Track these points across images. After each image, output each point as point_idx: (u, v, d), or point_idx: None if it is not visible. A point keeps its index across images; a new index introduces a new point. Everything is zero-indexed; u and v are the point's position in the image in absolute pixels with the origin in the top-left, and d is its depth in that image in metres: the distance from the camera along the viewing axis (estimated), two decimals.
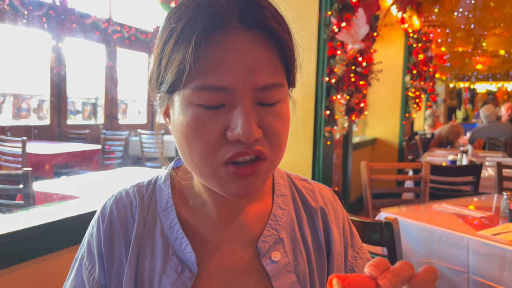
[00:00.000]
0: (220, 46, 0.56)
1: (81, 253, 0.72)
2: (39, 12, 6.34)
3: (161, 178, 0.75)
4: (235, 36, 0.56)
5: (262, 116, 0.58)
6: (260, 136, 0.58)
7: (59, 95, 7.18)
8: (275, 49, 0.58)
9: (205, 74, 0.56)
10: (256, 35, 0.57)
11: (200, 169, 0.60)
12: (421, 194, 3.01)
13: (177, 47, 0.57)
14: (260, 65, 0.57)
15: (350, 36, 2.90)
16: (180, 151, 0.62)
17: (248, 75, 0.56)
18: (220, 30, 0.56)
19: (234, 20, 0.56)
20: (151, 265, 0.67)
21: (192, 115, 0.58)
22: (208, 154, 0.58)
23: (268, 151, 0.60)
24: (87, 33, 7.34)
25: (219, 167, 0.58)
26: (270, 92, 0.58)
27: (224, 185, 0.60)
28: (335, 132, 3.14)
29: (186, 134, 0.59)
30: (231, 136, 0.56)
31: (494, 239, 1.84)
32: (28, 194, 2.13)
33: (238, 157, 0.57)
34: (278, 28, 0.58)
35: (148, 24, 8.48)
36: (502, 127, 5.87)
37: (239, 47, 0.56)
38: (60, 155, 5.07)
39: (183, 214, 0.70)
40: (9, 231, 1.38)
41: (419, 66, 6.48)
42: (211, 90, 0.56)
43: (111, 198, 0.73)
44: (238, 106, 0.56)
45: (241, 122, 0.55)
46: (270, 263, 0.68)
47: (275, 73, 0.59)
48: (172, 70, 0.57)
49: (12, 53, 6.39)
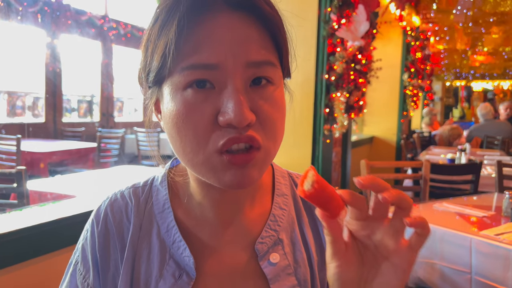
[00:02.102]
0: (205, 26, 0.53)
1: (75, 258, 0.69)
2: (34, 8, 6.27)
3: (158, 178, 0.72)
4: (221, 17, 0.54)
5: (254, 99, 0.55)
6: (254, 120, 0.54)
7: (54, 92, 7.12)
8: (264, 29, 0.56)
9: (191, 54, 0.53)
10: (243, 15, 0.54)
11: (193, 160, 0.56)
12: (421, 192, 2.99)
13: (161, 32, 0.54)
14: (250, 41, 0.54)
15: (350, 32, 2.87)
16: (172, 144, 0.59)
17: (238, 50, 0.53)
18: (204, 11, 0.53)
19: (219, 1, 0.54)
20: (148, 269, 0.64)
21: (181, 101, 0.54)
22: (201, 142, 0.54)
23: (263, 138, 0.56)
24: (83, 30, 7.28)
25: (212, 155, 0.55)
26: (262, 70, 0.55)
27: (218, 174, 0.56)
28: (335, 130, 3.12)
29: (177, 123, 0.55)
30: (222, 120, 0.53)
31: (497, 239, 1.82)
32: (22, 193, 2.09)
33: (232, 144, 0.53)
34: (266, 8, 0.55)
35: (144, 21, 8.42)
36: (499, 126, 5.88)
37: (227, 26, 0.53)
38: (55, 153, 5.02)
39: (180, 216, 0.67)
40: (1, 232, 1.34)
41: (417, 64, 6.47)
42: (199, 68, 0.53)
43: (106, 201, 0.70)
44: (228, 86, 0.53)
45: (232, 105, 0.52)
46: (268, 265, 0.65)
47: (267, 50, 0.55)
48: (157, 56, 0.55)
49: (6, 50, 6.33)
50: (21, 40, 6.50)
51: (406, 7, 5.71)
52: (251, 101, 0.54)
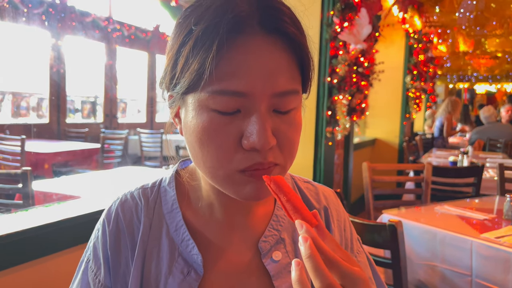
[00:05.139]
0: (240, 51, 0.55)
1: (87, 256, 0.72)
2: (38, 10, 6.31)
3: (166, 180, 0.75)
4: (255, 41, 0.55)
5: (276, 123, 0.58)
6: (275, 143, 0.58)
7: (59, 93, 7.14)
8: (293, 55, 0.58)
9: (223, 79, 0.55)
10: (275, 40, 0.56)
11: (213, 173, 0.60)
12: (423, 195, 3.00)
13: (196, 50, 0.55)
14: (280, 71, 0.56)
15: (352, 36, 2.89)
16: (192, 153, 0.62)
17: (267, 81, 0.55)
18: (241, 35, 0.55)
19: (255, 25, 0.56)
20: (157, 266, 0.67)
21: (207, 120, 0.57)
22: (223, 160, 0.58)
23: (281, 157, 0.60)
24: (87, 32, 7.31)
25: (234, 173, 0.58)
26: (287, 99, 0.58)
27: (238, 189, 0.60)
28: (337, 132, 3.13)
29: (200, 138, 0.58)
30: (246, 144, 0.56)
31: (498, 241, 1.83)
32: (27, 194, 2.11)
33: (256, 168, 0.58)
34: (297, 33, 0.58)
35: (148, 23, 8.45)
36: (502, 128, 5.87)
37: (259, 52, 0.55)
38: (59, 154, 5.04)
39: (189, 216, 0.70)
40: (8, 232, 1.36)
41: (420, 66, 6.46)
42: (228, 95, 0.55)
43: (116, 201, 0.73)
44: (254, 113, 0.56)
45: (256, 130, 0.55)
46: (271, 263, 0.69)
47: (293, 79, 0.58)
48: (189, 73, 0.56)
49: (11, 51, 6.36)
50: (26, 41, 6.54)
51: (409, 10, 5.71)
52: (273, 125, 0.57)
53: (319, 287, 0.46)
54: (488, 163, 4.29)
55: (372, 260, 0.81)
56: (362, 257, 0.79)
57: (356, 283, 0.48)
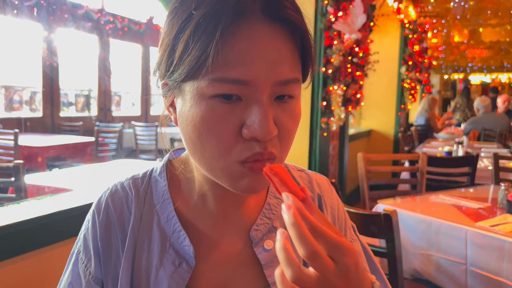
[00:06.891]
0: (242, 38, 0.53)
1: (77, 247, 0.71)
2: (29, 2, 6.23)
3: (157, 170, 0.73)
4: (258, 28, 0.53)
5: (277, 112, 0.57)
6: (276, 133, 0.56)
7: (52, 86, 7.08)
8: (295, 42, 0.57)
9: (225, 66, 0.52)
10: (278, 28, 0.55)
11: (211, 164, 0.58)
12: (418, 185, 3.00)
13: (197, 36, 0.53)
14: (283, 60, 0.55)
15: (347, 25, 2.86)
16: (189, 144, 0.59)
17: (270, 70, 0.54)
18: (243, 22, 0.53)
19: (257, 11, 0.54)
20: (148, 258, 0.66)
21: (206, 109, 0.55)
22: (222, 150, 0.56)
23: (279, 150, 0.58)
24: (79, 24, 7.23)
25: (232, 164, 0.57)
26: (288, 87, 0.56)
27: (234, 180, 0.58)
28: (332, 123, 3.12)
29: (199, 128, 0.56)
30: (247, 133, 0.54)
31: (492, 230, 1.84)
32: (20, 187, 2.09)
33: (256, 158, 0.56)
34: (299, 19, 0.56)
35: (142, 15, 8.38)
36: (497, 118, 5.89)
37: (262, 40, 0.53)
38: (53, 148, 5.01)
39: (180, 207, 0.69)
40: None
41: (415, 57, 6.45)
42: (230, 83, 0.53)
43: (106, 191, 0.72)
44: (256, 102, 0.54)
45: (258, 120, 0.53)
46: (262, 251, 0.68)
47: (295, 67, 0.57)
48: (189, 60, 0.53)
49: (2, 44, 6.29)
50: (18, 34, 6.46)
51: (404, 0, 5.68)
52: (274, 115, 0.56)
53: (304, 255, 0.44)
54: (483, 152, 4.30)
55: (369, 249, 0.79)
56: (357, 245, 0.78)
57: (344, 253, 0.46)
